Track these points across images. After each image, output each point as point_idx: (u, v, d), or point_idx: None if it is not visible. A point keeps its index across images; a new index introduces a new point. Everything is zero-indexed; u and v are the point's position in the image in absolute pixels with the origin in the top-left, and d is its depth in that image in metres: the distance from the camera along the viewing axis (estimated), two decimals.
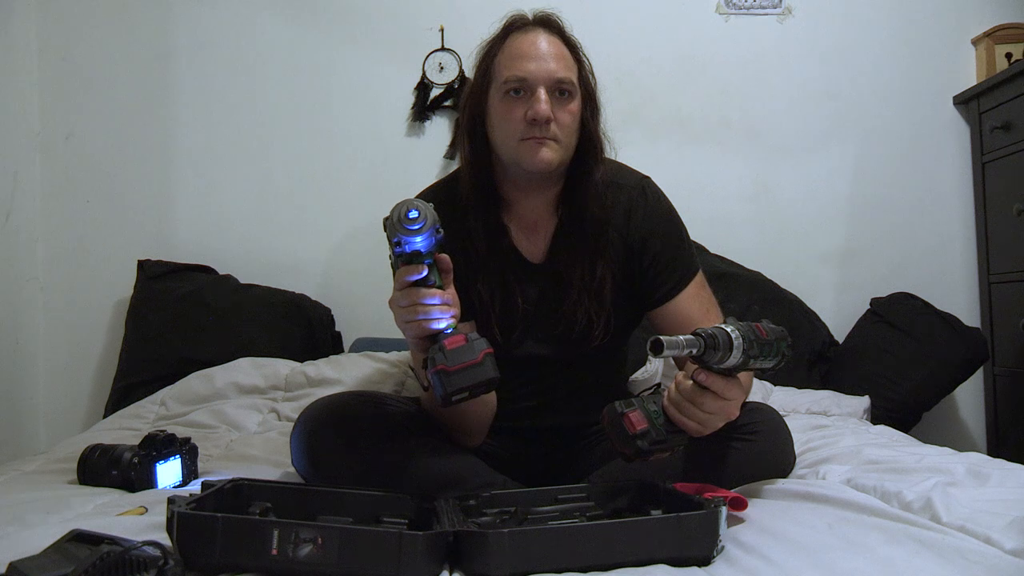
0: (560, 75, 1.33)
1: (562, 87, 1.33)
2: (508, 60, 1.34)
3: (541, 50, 1.33)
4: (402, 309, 1.15)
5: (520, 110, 1.32)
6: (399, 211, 1.11)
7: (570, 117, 1.35)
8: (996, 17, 2.53)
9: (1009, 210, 2.29)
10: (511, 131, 1.34)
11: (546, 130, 1.32)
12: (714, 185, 2.54)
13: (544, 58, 1.33)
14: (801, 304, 2.43)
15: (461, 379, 1.11)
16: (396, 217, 1.10)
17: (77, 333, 2.48)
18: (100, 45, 2.52)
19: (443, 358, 1.11)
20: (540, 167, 1.34)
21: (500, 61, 1.36)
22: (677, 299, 1.42)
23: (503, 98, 1.34)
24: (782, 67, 2.58)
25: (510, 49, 1.35)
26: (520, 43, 1.35)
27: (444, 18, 2.53)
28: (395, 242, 1.11)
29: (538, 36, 1.35)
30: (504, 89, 1.34)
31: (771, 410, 1.39)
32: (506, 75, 1.33)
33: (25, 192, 2.43)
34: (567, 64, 1.35)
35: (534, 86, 1.32)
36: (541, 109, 1.30)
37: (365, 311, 2.44)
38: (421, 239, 1.11)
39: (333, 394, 1.41)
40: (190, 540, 0.84)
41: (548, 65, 1.32)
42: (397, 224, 1.10)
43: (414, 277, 1.13)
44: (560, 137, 1.34)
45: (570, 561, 0.88)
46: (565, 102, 1.34)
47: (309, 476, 1.31)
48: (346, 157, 2.54)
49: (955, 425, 2.51)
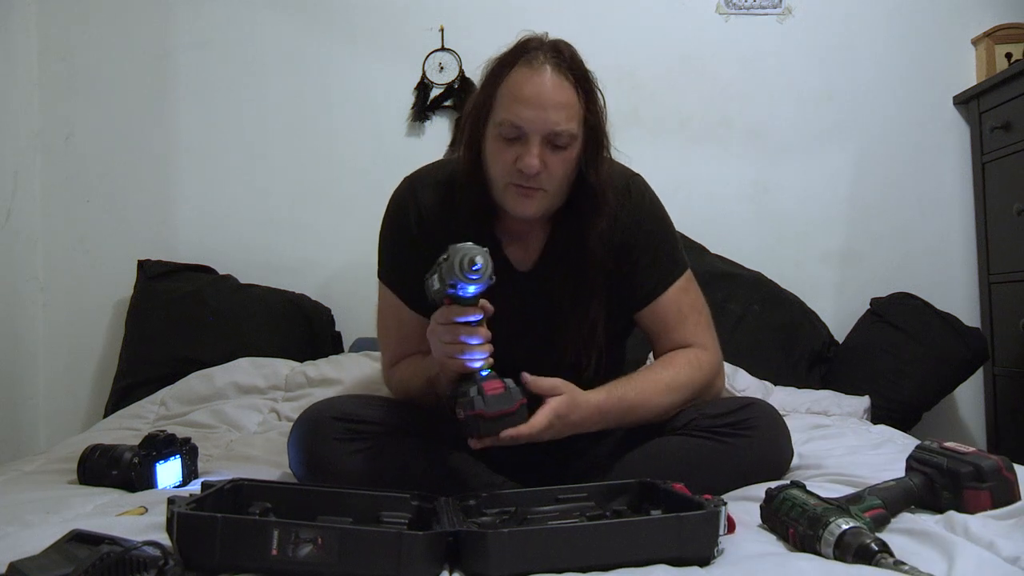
0: (559, 128, 1.25)
1: (559, 139, 1.26)
2: (509, 99, 1.26)
3: (543, 96, 1.25)
4: (445, 344, 1.17)
5: (511, 155, 1.26)
6: (463, 257, 1.12)
7: (563, 167, 1.29)
8: (996, 17, 2.53)
9: (1009, 210, 2.29)
10: (499, 172, 1.29)
11: (534, 181, 1.27)
12: (714, 185, 2.54)
13: (544, 107, 1.24)
14: (801, 304, 2.43)
15: (496, 426, 1.15)
16: (459, 264, 1.12)
17: (77, 333, 2.48)
18: (100, 45, 2.52)
19: (482, 403, 1.14)
20: (523, 216, 1.31)
21: (502, 93, 1.28)
22: (656, 302, 1.41)
23: (497, 137, 1.28)
24: (782, 67, 2.58)
25: (513, 85, 1.26)
26: (524, 83, 1.26)
27: (444, 18, 2.53)
28: (451, 284, 1.14)
29: (544, 77, 1.25)
30: (499, 130, 1.27)
31: (767, 405, 1.39)
32: (503, 116, 1.26)
33: (25, 192, 2.43)
34: (569, 113, 1.26)
35: (528, 135, 1.25)
36: (531, 163, 1.24)
37: (365, 311, 2.42)
38: (477, 288, 1.14)
39: (330, 397, 1.41)
40: (190, 540, 0.84)
41: (547, 116, 1.24)
42: (458, 271, 1.12)
43: (465, 319, 1.16)
44: (549, 187, 1.29)
45: (570, 561, 0.87)
46: (560, 151, 1.28)
47: (307, 480, 1.30)
48: (346, 157, 2.54)
49: (955, 425, 2.51)
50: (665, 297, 1.41)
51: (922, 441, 1.17)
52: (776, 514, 1.00)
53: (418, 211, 1.39)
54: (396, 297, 1.43)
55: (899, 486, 1.08)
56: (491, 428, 1.14)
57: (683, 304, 1.42)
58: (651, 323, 1.42)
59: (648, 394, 1.32)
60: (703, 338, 1.42)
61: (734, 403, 1.38)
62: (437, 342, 1.19)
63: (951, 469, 1.06)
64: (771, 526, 1.02)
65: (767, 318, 2.34)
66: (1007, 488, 1.05)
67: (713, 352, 1.43)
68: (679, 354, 1.40)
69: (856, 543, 0.87)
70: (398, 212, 1.42)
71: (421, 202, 1.40)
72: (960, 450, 1.08)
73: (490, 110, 1.30)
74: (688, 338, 1.41)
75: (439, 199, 1.40)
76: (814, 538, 0.91)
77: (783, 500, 1.00)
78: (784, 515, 0.98)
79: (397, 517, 1.09)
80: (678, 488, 1.06)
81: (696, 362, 1.39)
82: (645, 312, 1.42)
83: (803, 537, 0.93)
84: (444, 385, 1.24)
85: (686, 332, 1.41)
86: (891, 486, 1.08)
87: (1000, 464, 1.06)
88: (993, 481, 1.04)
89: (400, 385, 1.44)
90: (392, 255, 1.44)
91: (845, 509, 0.94)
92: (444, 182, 1.41)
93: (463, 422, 1.16)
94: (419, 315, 1.39)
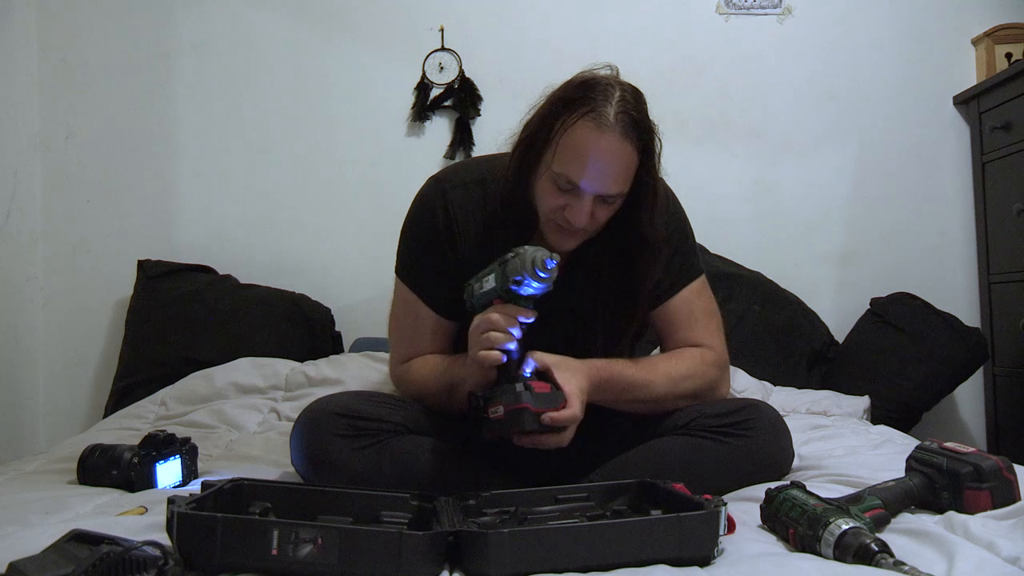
0: (612, 191, 1.26)
1: (610, 198, 1.27)
2: (570, 153, 1.24)
3: (605, 162, 1.23)
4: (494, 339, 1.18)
5: (561, 200, 1.26)
6: (537, 255, 1.14)
7: (608, 215, 1.30)
8: (996, 17, 2.53)
9: (1009, 210, 2.29)
10: (546, 209, 1.30)
11: (578, 228, 1.29)
12: (714, 185, 2.54)
13: (603, 173, 1.23)
14: (801, 304, 2.43)
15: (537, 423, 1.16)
16: (532, 260, 1.14)
17: (77, 333, 2.48)
18: (100, 45, 2.52)
19: (530, 398, 1.16)
20: (561, 250, 1.31)
21: (564, 143, 1.24)
22: (669, 302, 1.42)
23: (550, 181, 1.27)
24: (782, 67, 2.58)
25: (577, 140, 1.23)
26: (588, 144, 1.22)
27: (444, 18, 2.53)
28: (516, 279, 1.15)
29: (611, 141, 1.22)
30: (554, 178, 1.26)
31: (768, 406, 1.39)
32: (560, 168, 1.24)
33: (25, 192, 2.43)
34: (627, 176, 1.26)
35: (582, 192, 1.25)
36: (580, 219, 1.26)
37: (365, 311, 2.44)
38: (541, 288, 1.16)
39: (333, 393, 1.41)
40: (190, 540, 0.84)
41: (605, 181, 1.24)
42: (530, 267, 1.13)
43: (527, 320, 1.18)
44: (591, 229, 1.31)
45: (570, 561, 0.87)
46: (608, 205, 1.29)
47: (308, 475, 1.31)
48: (346, 157, 2.54)
49: (955, 425, 2.51)
50: (678, 298, 1.42)
51: (922, 441, 1.17)
52: (776, 514, 1.00)
53: (447, 213, 1.39)
54: (414, 295, 1.43)
55: (899, 486, 1.08)
56: (535, 424, 1.16)
57: (695, 306, 1.44)
58: (662, 322, 1.44)
59: (647, 377, 1.34)
60: (712, 340, 1.44)
61: (735, 403, 1.38)
62: (483, 338, 1.19)
63: (951, 469, 1.06)
64: (771, 526, 1.02)
65: (767, 318, 2.34)
66: (1007, 488, 1.05)
67: (720, 354, 1.44)
68: (685, 349, 1.42)
69: (856, 543, 0.87)
70: (424, 211, 1.42)
71: (451, 204, 1.40)
72: (960, 450, 1.08)
73: (547, 152, 1.27)
74: (697, 338, 1.42)
75: (471, 202, 1.39)
76: (814, 538, 0.91)
77: (783, 500, 1.00)
78: (784, 515, 0.98)
79: (397, 517, 1.09)
80: (678, 488, 1.06)
81: (700, 358, 1.40)
82: (658, 311, 1.43)
83: (803, 537, 0.93)
84: (475, 385, 1.24)
85: (695, 333, 1.43)
86: (891, 486, 1.08)
87: (1000, 464, 1.06)
88: (993, 481, 1.04)
89: (412, 383, 1.43)
90: (414, 254, 1.43)
91: (845, 509, 0.94)
92: (476, 184, 1.41)
93: (500, 419, 1.16)
94: (436, 314, 1.41)
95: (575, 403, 1.19)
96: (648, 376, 1.34)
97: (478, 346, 1.20)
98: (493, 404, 1.17)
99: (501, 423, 1.16)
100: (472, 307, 1.25)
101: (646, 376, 1.34)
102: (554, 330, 1.36)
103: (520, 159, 1.32)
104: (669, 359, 1.41)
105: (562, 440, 1.19)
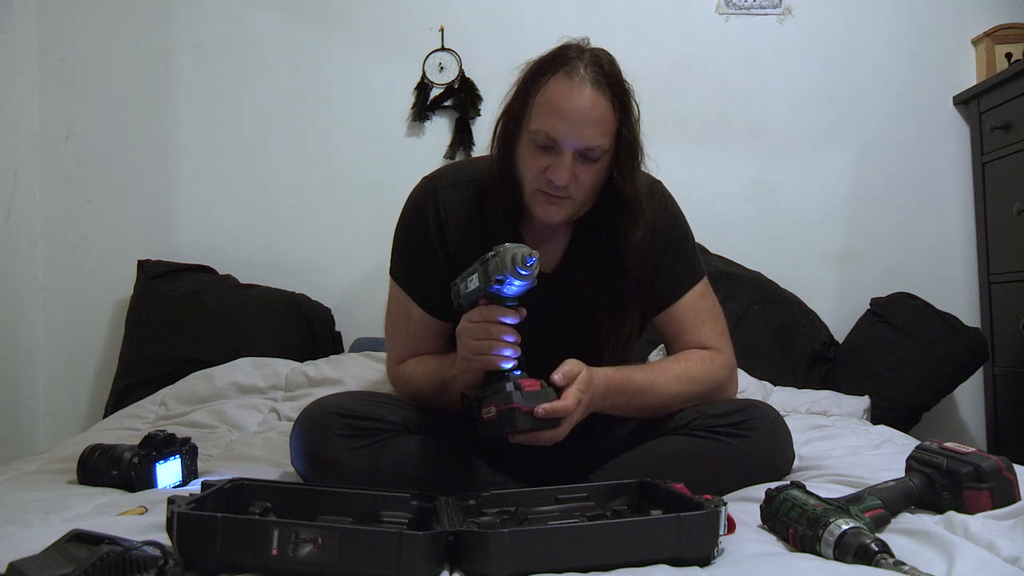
0: (592, 143, 1.25)
1: (591, 153, 1.27)
2: (545, 109, 1.26)
3: (580, 112, 1.24)
4: (478, 342, 1.18)
5: (542, 162, 1.27)
6: (517, 253, 1.12)
7: (592, 178, 1.30)
8: (996, 17, 2.53)
9: (1009, 210, 2.29)
10: (529, 177, 1.30)
11: (563, 191, 1.28)
12: (714, 185, 2.54)
13: (580, 122, 1.24)
14: (801, 304, 2.43)
15: (530, 422, 1.15)
16: (512, 258, 1.12)
17: (77, 333, 2.48)
18: (100, 45, 2.52)
19: (520, 397, 1.15)
20: (548, 222, 1.32)
21: (539, 101, 1.27)
22: (674, 306, 1.42)
23: (530, 143, 1.28)
24: (782, 67, 2.58)
25: (551, 95, 1.26)
26: (562, 96, 1.25)
27: (444, 18, 2.53)
28: (498, 279, 1.14)
29: (583, 92, 1.24)
30: (533, 137, 1.27)
31: (768, 407, 1.39)
32: (538, 125, 1.26)
33: (25, 192, 2.43)
34: (604, 129, 1.27)
35: (562, 148, 1.26)
36: (561, 176, 1.25)
37: (365, 311, 2.44)
38: (524, 285, 1.15)
39: (333, 394, 1.41)
40: (190, 540, 0.84)
41: (582, 131, 1.25)
42: (511, 265, 1.12)
43: (509, 320, 1.17)
44: (576, 196, 1.30)
45: (570, 561, 0.87)
46: (590, 163, 1.28)
47: (308, 475, 1.31)
48: (346, 157, 2.55)
49: (955, 425, 2.51)
50: (683, 302, 1.42)
51: (922, 441, 1.17)
52: (776, 514, 1.00)
53: (437, 212, 1.40)
54: (407, 296, 1.43)
55: (899, 486, 1.08)
56: (527, 423, 1.15)
57: (700, 309, 1.43)
58: (667, 327, 1.44)
59: (657, 380, 1.34)
60: (718, 342, 1.43)
61: (735, 404, 1.38)
62: (470, 340, 1.19)
63: (951, 469, 1.06)
64: (771, 526, 1.02)
65: (767, 318, 2.34)
66: (1007, 488, 1.05)
67: (727, 355, 1.44)
68: (693, 351, 1.42)
69: (856, 543, 0.87)
70: (416, 212, 1.42)
71: (442, 203, 1.40)
72: (960, 450, 1.08)
73: (525, 115, 1.29)
74: (703, 341, 1.42)
75: (462, 201, 1.40)
76: (814, 538, 0.91)
77: (783, 500, 1.00)
78: (784, 515, 0.98)
79: (397, 517, 1.08)
80: (678, 488, 1.06)
81: (709, 360, 1.40)
82: (662, 316, 1.43)
83: (803, 537, 0.93)
84: (466, 386, 1.24)
85: (702, 335, 1.42)
86: (891, 486, 1.08)
87: (1000, 464, 1.06)
88: (993, 481, 1.04)
89: (407, 384, 1.44)
90: (407, 254, 1.44)
91: (845, 509, 0.94)
92: (467, 184, 1.42)
93: (492, 420, 1.16)
94: (429, 315, 1.40)
95: (569, 396, 1.18)
96: (657, 379, 1.34)
97: (467, 349, 1.20)
98: (485, 405, 1.17)
99: (494, 424, 1.16)
100: (459, 307, 1.24)
101: (655, 380, 1.34)
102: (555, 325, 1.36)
103: (502, 133, 1.33)
104: (678, 362, 1.40)
105: (557, 435, 1.19)
